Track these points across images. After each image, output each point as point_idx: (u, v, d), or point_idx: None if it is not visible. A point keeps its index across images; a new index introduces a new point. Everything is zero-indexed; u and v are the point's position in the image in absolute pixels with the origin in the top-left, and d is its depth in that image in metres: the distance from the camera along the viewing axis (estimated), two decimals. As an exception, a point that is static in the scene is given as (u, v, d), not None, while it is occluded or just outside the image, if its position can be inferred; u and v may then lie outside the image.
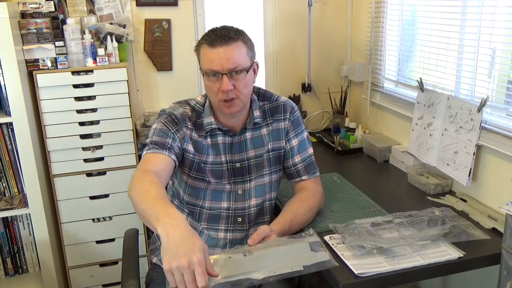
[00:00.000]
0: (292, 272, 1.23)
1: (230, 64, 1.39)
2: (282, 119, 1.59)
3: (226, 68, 1.39)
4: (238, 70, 1.40)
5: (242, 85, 1.43)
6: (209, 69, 1.40)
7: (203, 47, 1.42)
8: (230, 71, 1.39)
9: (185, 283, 1.04)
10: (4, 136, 2.09)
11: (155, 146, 1.43)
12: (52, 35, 2.06)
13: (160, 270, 1.57)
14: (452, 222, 1.50)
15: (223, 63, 1.38)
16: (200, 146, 1.51)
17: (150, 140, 1.46)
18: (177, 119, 1.49)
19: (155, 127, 1.49)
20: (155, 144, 1.43)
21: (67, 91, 2.10)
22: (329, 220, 1.59)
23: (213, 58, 1.39)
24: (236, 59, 1.39)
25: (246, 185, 1.56)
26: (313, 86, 2.69)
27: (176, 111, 1.51)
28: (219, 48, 1.38)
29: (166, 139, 1.45)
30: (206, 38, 1.41)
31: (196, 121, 1.52)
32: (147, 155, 1.43)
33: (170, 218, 1.10)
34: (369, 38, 2.41)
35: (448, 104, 1.80)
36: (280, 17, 2.59)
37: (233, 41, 1.39)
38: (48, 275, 2.17)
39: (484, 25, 1.69)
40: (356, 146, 2.35)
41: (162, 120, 1.49)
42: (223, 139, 1.53)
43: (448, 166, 1.79)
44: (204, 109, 1.53)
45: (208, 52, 1.40)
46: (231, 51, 1.39)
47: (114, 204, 2.28)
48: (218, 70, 1.39)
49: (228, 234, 1.55)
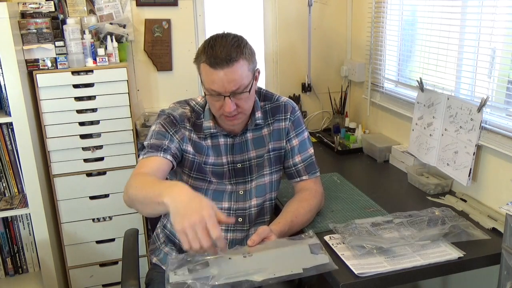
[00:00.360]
0: (292, 275, 1.23)
1: (233, 86, 1.35)
2: (283, 119, 1.59)
3: (228, 90, 1.35)
4: (240, 91, 1.38)
5: (245, 102, 1.41)
6: (211, 89, 1.37)
7: (204, 66, 1.36)
8: (232, 93, 1.37)
9: (198, 239, 1.06)
10: (4, 136, 2.09)
11: (150, 150, 1.42)
12: (52, 35, 2.06)
13: (160, 270, 1.58)
14: (452, 222, 1.50)
15: (225, 86, 1.35)
16: (199, 146, 1.51)
17: (147, 143, 1.45)
18: (176, 120, 1.49)
19: (153, 129, 1.49)
20: (151, 147, 1.43)
21: (67, 91, 2.10)
22: (329, 220, 1.59)
23: (214, 79, 1.34)
24: (238, 81, 1.35)
25: (247, 185, 1.56)
26: (313, 86, 2.69)
27: (175, 112, 1.50)
28: (220, 70, 1.33)
29: (163, 141, 1.44)
30: (206, 57, 1.35)
31: (195, 122, 1.51)
32: (141, 160, 1.42)
33: (172, 188, 1.14)
34: (369, 38, 2.41)
35: (448, 104, 1.80)
36: (280, 17, 2.59)
37: (235, 62, 1.34)
38: (48, 275, 2.17)
39: (484, 25, 1.69)
40: (356, 146, 2.35)
41: (161, 122, 1.49)
42: (224, 141, 1.52)
43: (448, 166, 1.79)
44: (204, 111, 1.52)
45: (209, 73, 1.35)
46: (232, 73, 1.34)
47: (114, 204, 2.28)
48: (220, 91, 1.36)
49: (229, 234, 1.55)
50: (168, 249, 1.61)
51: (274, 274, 1.21)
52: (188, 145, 1.49)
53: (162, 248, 1.62)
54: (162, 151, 1.42)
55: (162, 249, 1.62)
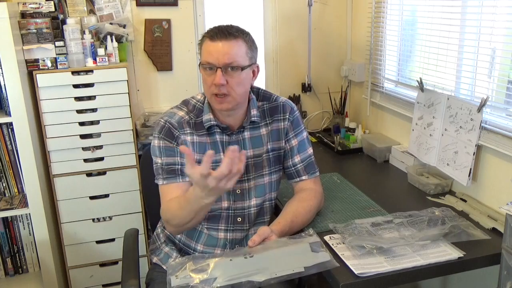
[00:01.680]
0: (293, 274, 1.23)
1: (226, 59, 1.40)
2: (282, 119, 1.59)
3: (221, 62, 1.40)
4: (233, 66, 1.41)
5: (236, 82, 1.43)
6: (206, 61, 1.42)
7: (205, 41, 1.44)
8: (225, 66, 1.40)
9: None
10: (4, 136, 2.09)
11: (168, 176, 1.49)
12: (52, 35, 2.06)
13: (161, 270, 1.58)
14: (452, 222, 1.50)
15: (219, 57, 1.40)
16: (202, 147, 1.51)
17: (161, 165, 1.49)
18: (175, 128, 1.49)
19: (158, 144, 1.50)
20: (168, 173, 1.48)
21: (67, 91, 2.10)
22: (329, 220, 1.59)
23: (211, 51, 1.41)
24: (232, 55, 1.41)
25: (244, 184, 1.56)
26: (313, 86, 2.69)
27: (173, 119, 1.51)
28: (218, 42, 1.40)
29: (175, 158, 1.48)
30: (208, 32, 1.44)
31: (196, 121, 1.52)
32: (165, 186, 1.49)
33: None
34: (369, 38, 2.41)
35: (448, 104, 1.80)
36: (280, 17, 2.59)
37: (233, 38, 1.41)
38: (48, 275, 2.17)
39: (484, 25, 1.69)
40: (356, 146, 2.35)
41: (161, 136, 1.50)
42: (220, 137, 1.53)
43: (448, 166, 1.80)
44: (203, 106, 1.53)
45: (208, 45, 1.42)
46: (229, 47, 1.40)
47: (114, 204, 2.28)
48: (214, 63, 1.41)
49: (228, 234, 1.55)
50: (169, 249, 1.61)
51: (275, 273, 1.21)
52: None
53: (162, 248, 1.62)
54: (179, 176, 1.48)
55: (163, 249, 1.62)
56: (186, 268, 1.24)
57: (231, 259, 1.26)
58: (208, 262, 1.25)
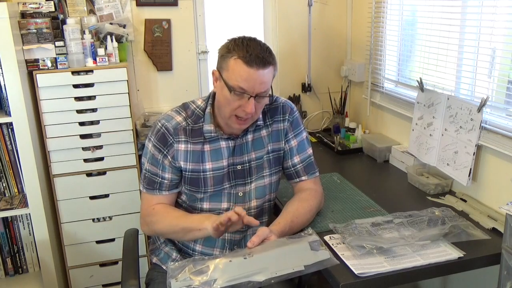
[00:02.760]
0: (294, 273, 1.23)
1: (262, 88, 1.37)
2: (281, 120, 1.59)
3: (256, 91, 1.37)
4: (264, 95, 1.40)
5: (261, 106, 1.44)
6: (239, 86, 1.36)
7: (236, 61, 1.35)
8: (258, 95, 1.38)
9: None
10: (4, 136, 2.09)
11: (147, 187, 1.52)
12: (52, 35, 2.06)
13: (161, 270, 1.58)
14: (452, 222, 1.50)
15: (255, 86, 1.36)
16: (196, 155, 1.49)
17: (145, 170, 1.53)
18: (170, 133, 1.48)
19: (149, 148, 1.51)
20: (148, 184, 1.52)
21: (67, 91, 2.10)
22: (329, 220, 1.59)
23: (247, 78, 1.34)
24: (267, 84, 1.38)
25: (247, 187, 1.56)
26: (313, 86, 2.69)
27: (169, 123, 1.49)
28: (255, 70, 1.34)
29: (157, 171, 1.50)
30: (242, 53, 1.35)
31: (193, 128, 1.50)
32: (146, 194, 1.54)
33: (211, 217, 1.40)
34: (369, 38, 2.41)
35: (448, 104, 1.80)
36: (280, 18, 2.59)
37: (269, 65, 1.37)
38: (48, 275, 2.17)
39: (484, 25, 1.69)
40: (356, 146, 2.35)
41: (155, 142, 1.49)
42: (226, 144, 1.51)
43: (448, 166, 1.80)
44: (204, 115, 1.51)
45: (243, 70, 1.34)
46: (265, 76, 1.37)
47: (114, 204, 2.28)
48: (248, 91, 1.36)
49: (227, 235, 1.55)
50: (168, 249, 1.61)
51: (275, 273, 1.21)
52: (181, 162, 1.49)
53: (162, 248, 1.62)
54: (157, 190, 1.51)
55: (162, 249, 1.62)
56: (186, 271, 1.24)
57: (230, 260, 1.26)
58: (207, 264, 1.25)
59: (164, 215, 1.50)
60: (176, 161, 1.49)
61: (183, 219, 1.47)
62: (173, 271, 1.25)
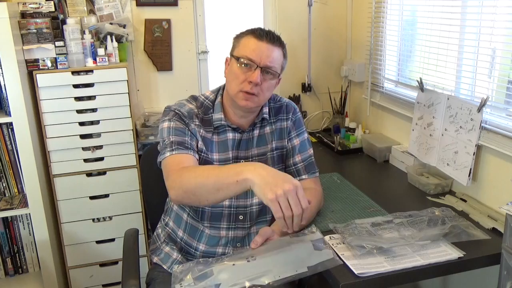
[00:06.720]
0: (297, 275, 1.22)
1: (268, 61, 1.43)
2: (285, 118, 1.62)
3: (263, 62, 1.42)
4: (270, 71, 1.44)
5: (267, 85, 1.46)
6: (247, 56, 1.42)
7: (247, 37, 1.45)
8: (265, 67, 1.42)
9: (290, 208, 1.12)
10: (4, 136, 2.09)
11: (179, 147, 1.41)
12: (52, 35, 2.06)
13: (161, 270, 1.58)
14: (452, 222, 1.50)
15: (262, 57, 1.42)
16: (207, 142, 1.51)
17: (170, 141, 1.43)
18: (185, 116, 1.49)
19: (168, 125, 1.47)
20: (178, 145, 1.42)
21: (67, 91, 2.10)
22: (329, 220, 1.59)
23: (255, 49, 1.42)
24: (274, 59, 1.44)
25: None
26: (313, 86, 2.69)
27: (182, 108, 1.50)
28: (265, 43, 1.43)
29: (184, 138, 1.45)
30: (254, 32, 1.45)
31: (203, 117, 1.52)
32: (173, 157, 1.39)
33: (251, 165, 1.20)
34: (369, 38, 2.41)
35: (448, 104, 1.80)
36: (280, 17, 2.59)
37: (278, 44, 1.46)
38: (48, 275, 2.17)
39: (484, 25, 1.69)
40: (356, 146, 2.35)
41: (173, 119, 1.48)
42: (232, 135, 1.53)
43: (448, 166, 1.80)
44: (214, 105, 1.53)
45: (253, 42, 1.43)
46: (273, 51, 1.44)
47: (114, 204, 2.28)
48: (256, 61, 1.42)
49: (230, 232, 1.55)
50: (169, 248, 1.61)
51: (279, 276, 1.21)
52: (199, 141, 1.49)
53: (162, 247, 1.62)
54: (191, 149, 1.43)
55: (163, 248, 1.62)
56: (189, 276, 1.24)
57: (233, 264, 1.26)
58: (211, 268, 1.25)
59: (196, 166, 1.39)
60: (195, 136, 1.48)
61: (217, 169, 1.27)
62: (176, 277, 1.25)
